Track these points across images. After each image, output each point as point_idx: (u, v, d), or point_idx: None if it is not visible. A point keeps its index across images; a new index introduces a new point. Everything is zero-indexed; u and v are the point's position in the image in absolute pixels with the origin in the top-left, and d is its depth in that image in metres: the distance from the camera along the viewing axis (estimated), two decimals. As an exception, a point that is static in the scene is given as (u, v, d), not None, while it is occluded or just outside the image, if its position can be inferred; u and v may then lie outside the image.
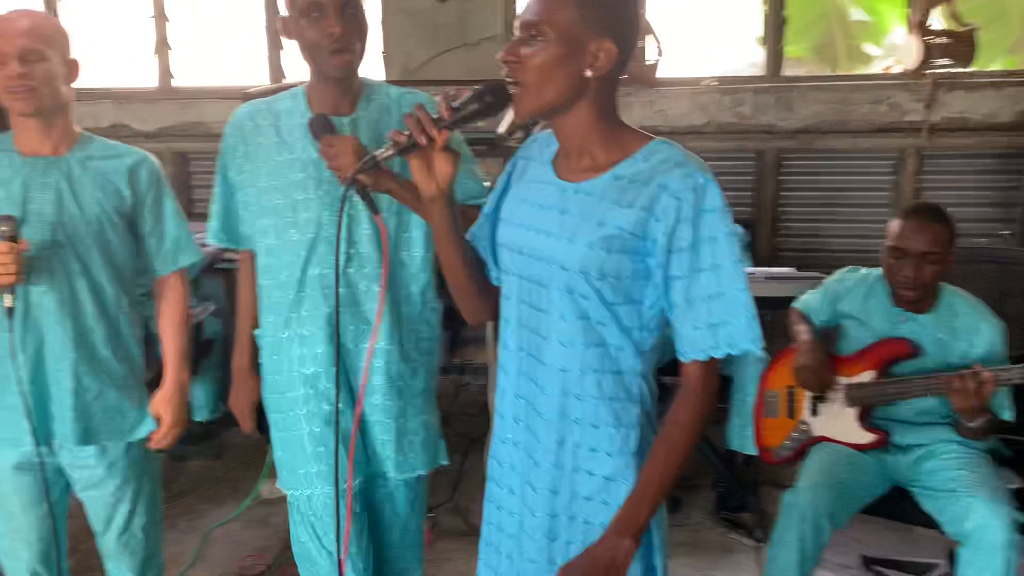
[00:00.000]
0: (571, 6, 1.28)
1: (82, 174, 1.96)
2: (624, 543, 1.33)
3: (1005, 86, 3.91)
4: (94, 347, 2.00)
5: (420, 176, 1.38)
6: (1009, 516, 2.10)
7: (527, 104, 1.32)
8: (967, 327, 2.34)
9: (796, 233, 4.27)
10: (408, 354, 1.93)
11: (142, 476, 2.11)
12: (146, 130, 4.66)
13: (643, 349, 1.38)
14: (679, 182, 1.28)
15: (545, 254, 1.38)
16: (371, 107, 1.86)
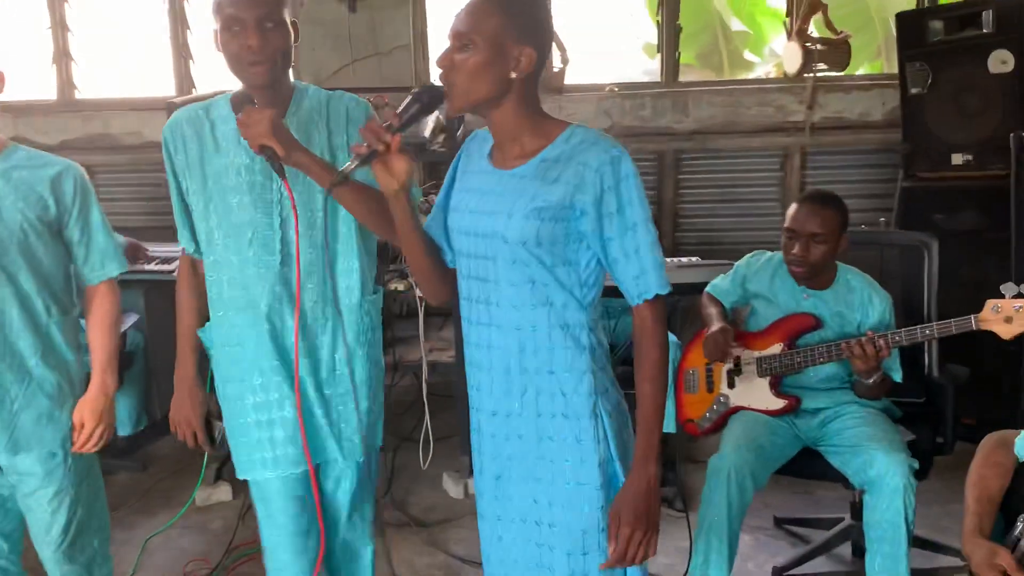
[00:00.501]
0: (496, 17, 1.49)
1: (4, 184, 1.97)
2: (650, 468, 1.54)
3: (874, 88, 4.32)
4: (21, 356, 2.01)
5: (382, 177, 1.56)
6: (906, 463, 2.38)
7: (459, 101, 1.53)
8: (861, 300, 2.62)
9: (695, 228, 4.56)
10: (348, 344, 1.99)
11: (80, 484, 2.11)
12: (48, 143, 4.55)
13: (585, 304, 1.59)
14: (597, 157, 1.50)
15: (489, 231, 1.57)
16: (300, 112, 1.92)
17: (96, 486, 2.20)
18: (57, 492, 2.07)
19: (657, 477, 1.56)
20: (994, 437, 1.92)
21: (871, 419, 2.57)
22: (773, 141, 4.40)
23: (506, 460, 1.66)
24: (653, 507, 1.56)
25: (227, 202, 1.92)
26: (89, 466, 2.16)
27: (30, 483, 2.06)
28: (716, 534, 2.46)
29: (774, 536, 3.15)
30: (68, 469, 2.08)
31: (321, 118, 1.93)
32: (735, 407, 2.74)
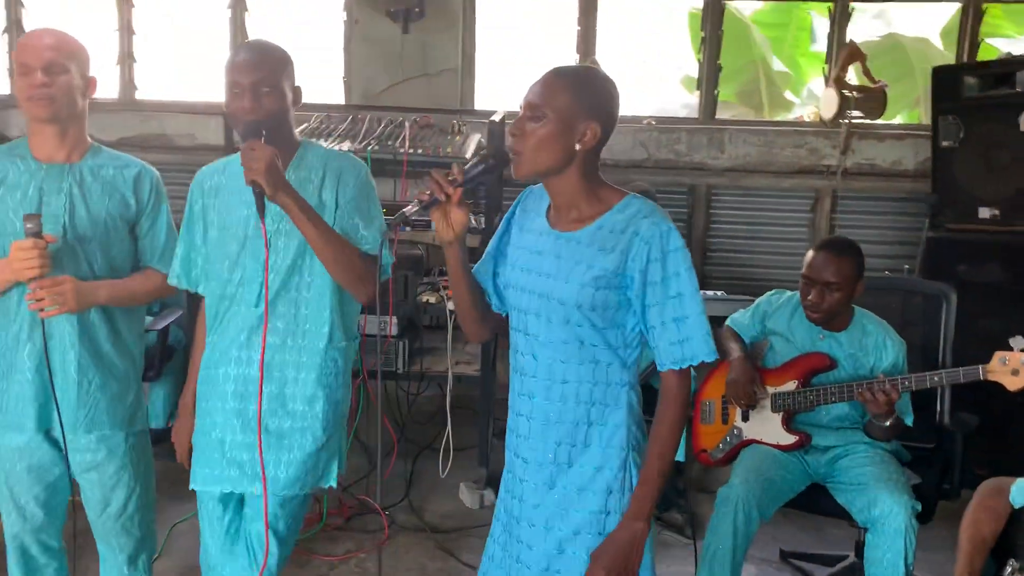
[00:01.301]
0: (567, 93, 1.61)
1: (92, 181, 2.14)
2: (639, 525, 1.64)
3: (908, 137, 4.39)
4: (97, 342, 2.17)
5: (439, 225, 1.69)
6: (909, 505, 2.45)
7: (525, 168, 1.63)
8: (876, 344, 2.71)
9: (723, 262, 4.65)
10: (307, 384, 2.10)
11: (138, 463, 2.27)
12: (107, 140, 4.74)
13: (628, 363, 1.70)
14: (648, 230, 1.61)
15: (545, 291, 1.69)
16: (302, 168, 2.08)
17: (149, 466, 2.36)
18: (118, 468, 2.23)
19: (644, 534, 1.65)
20: (991, 483, 1.99)
21: (878, 460, 2.64)
22: (805, 183, 4.49)
23: (532, 508, 1.74)
24: (632, 561, 1.64)
25: (224, 247, 2.08)
26: (144, 447, 2.32)
27: (93, 459, 2.20)
28: (720, 563, 2.54)
29: (779, 569, 3.21)
30: (129, 447, 2.24)
31: (318, 174, 2.08)
32: (747, 440, 2.82)
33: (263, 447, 2.06)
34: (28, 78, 2.02)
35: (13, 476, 2.18)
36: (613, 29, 4.99)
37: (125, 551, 2.31)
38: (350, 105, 4.54)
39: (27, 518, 2.21)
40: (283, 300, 2.07)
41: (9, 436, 2.16)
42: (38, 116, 2.06)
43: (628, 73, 5.88)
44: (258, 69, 1.96)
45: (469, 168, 1.67)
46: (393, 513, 3.48)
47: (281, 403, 2.10)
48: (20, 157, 2.12)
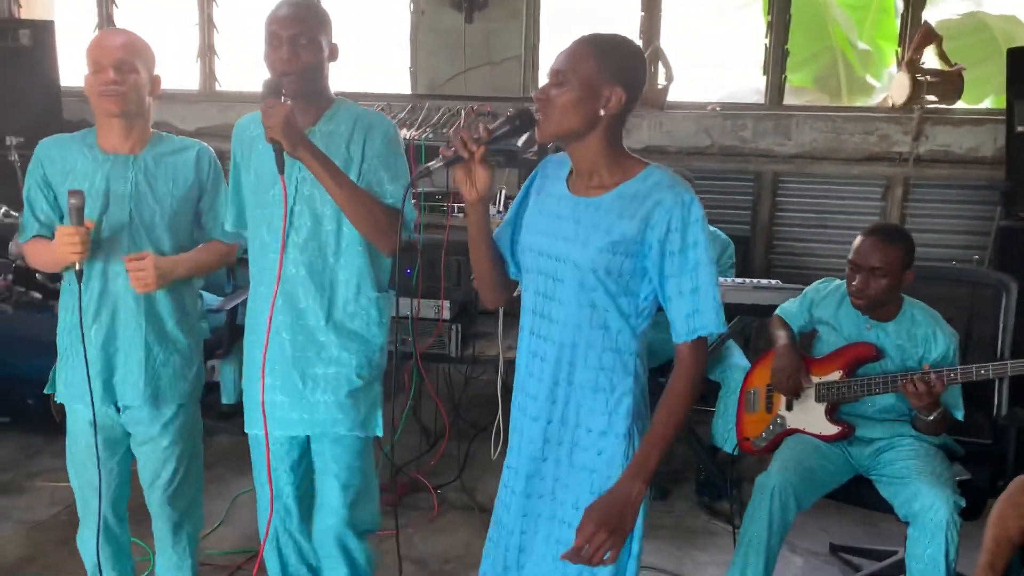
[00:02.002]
0: (591, 59, 1.63)
1: (156, 168, 2.26)
2: (637, 484, 1.65)
3: (986, 123, 4.21)
4: (162, 320, 2.29)
5: (463, 185, 1.72)
6: (951, 499, 2.38)
7: (549, 131, 1.66)
8: (924, 335, 2.63)
9: (788, 251, 4.56)
10: (338, 333, 2.18)
11: (189, 439, 2.39)
12: (187, 129, 4.99)
13: (638, 332, 1.71)
14: (671, 200, 1.62)
15: (562, 255, 1.70)
16: (332, 122, 2.14)
17: (198, 443, 2.47)
18: (171, 443, 2.35)
19: (640, 495, 1.65)
20: (1021, 479, 1.93)
21: (924, 453, 2.57)
22: (875, 170, 4.36)
23: (541, 462, 1.78)
24: (625, 518, 1.64)
25: (259, 195, 2.18)
26: (194, 424, 2.43)
27: (149, 432, 2.33)
28: (755, 550, 2.52)
29: (827, 562, 3.16)
30: (181, 424, 2.36)
31: (348, 128, 2.15)
32: (791, 429, 2.79)
33: (305, 393, 2.18)
34: (100, 75, 2.15)
35: (87, 450, 2.31)
36: (680, 14, 4.94)
37: (170, 521, 2.44)
38: (415, 94, 4.64)
39: (103, 489, 2.34)
40: (311, 250, 2.15)
41: (80, 410, 2.30)
42: (109, 111, 2.18)
43: (695, 58, 5.80)
44: (298, 22, 2.04)
45: (495, 127, 1.69)
46: (445, 492, 3.57)
47: (316, 351, 2.19)
48: (88, 147, 2.26)
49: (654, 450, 1.66)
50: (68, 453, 2.37)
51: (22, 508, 3.37)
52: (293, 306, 2.19)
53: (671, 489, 3.63)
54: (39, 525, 3.24)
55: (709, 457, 3.54)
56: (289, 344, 2.19)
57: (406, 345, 3.52)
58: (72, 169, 2.24)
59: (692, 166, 4.32)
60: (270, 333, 2.16)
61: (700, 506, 3.51)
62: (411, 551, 3.14)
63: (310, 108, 2.14)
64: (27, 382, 3.66)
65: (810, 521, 3.31)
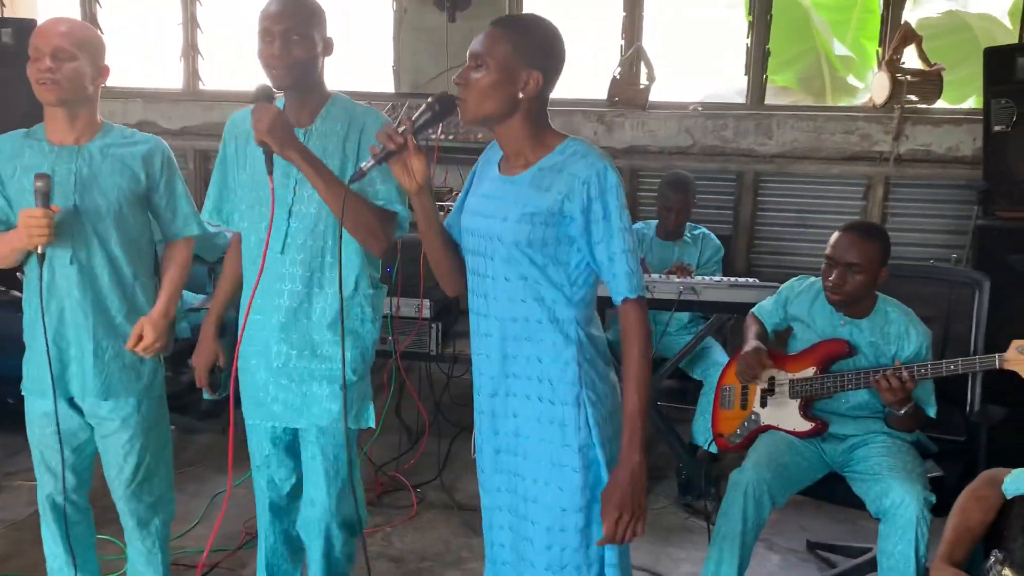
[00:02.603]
0: (508, 43, 1.68)
1: (102, 161, 2.24)
2: (634, 458, 1.70)
3: (965, 122, 4.23)
4: (109, 313, 2.27)
5: (402, 177, 1.76)
6: (921, 495, 2.40)
7: (470, 115, 1.71)
8: (898, 333, 2.64)
9: (770, 250, 4.58)
10: (332, 330, 2.20)
11: (150, 432, 2.37)
12: (171, 128, 4.99)
13: (574, 300, 1.76)
14: (585, 169, 1.68)
15: (489, 232, 1.77)
16: (328, 120, 2.15)
17: (164, 437, 2.46)
18: (131, 437, 2.34)
19: (642, 466, 1.70)
20: (987, 474, 1.94)
21: (896, 450, 2.59)
22: (855, 170, 4.38)
23: (503, 436, 1.83)
24: (637, 493, 1.70)
25: (256, 192, 2.19)
26: (158, 418, 2.42)
27: (108, 427, 2.33)
28: (729, 546, 2.53)
29: (804, 559, 3.18)
30: (141, 418, 2.34)
31: (343, 125, 2.16)
32: (765, 425, 2.80)
33: (297, 390, 2.22)
34: (38, 63, 2.14)
35: (44, 441, 2.32)
36: (663, 15, 4.95)
37: (136, 515, 2.43)
38: (398, 93, 4.65)
39: (58, 479, 2.34)
40: (309, 248, 2.17)
41: (37, 402, 2.31)
42: (45, 99, 2.17)
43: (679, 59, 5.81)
44: (289, 17, 2.04)
45: (416, 117, 1.74)
46: (425, 491, 3.57)
47: (311, 348, 2.21)
48: (36, 140, 2.24)
49: (637, 423, 1.71)
50: (31, 445, 2.37)
51: (0, 507, 3.36)
52: (291, 303, 2.19)
53: (650, 487, 3.64)
54: (17, 524, 3.23)
55: (689, 455, 3.56)
56: (285, 340, 2.21)
57: (386, 344, 3.53)
58: (20, 162, 2.22)
59: (674, 165, 4.34)
60: (244, 327, 2.20)
61: (678, 504, 3.53)
62: (389, 549, 3.15)
63: (305, 104, 2.14)
64: (6, 381, 3.61)
65: (788, 518, 3.33)
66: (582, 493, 1.75)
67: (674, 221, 3.79)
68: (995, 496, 1.86)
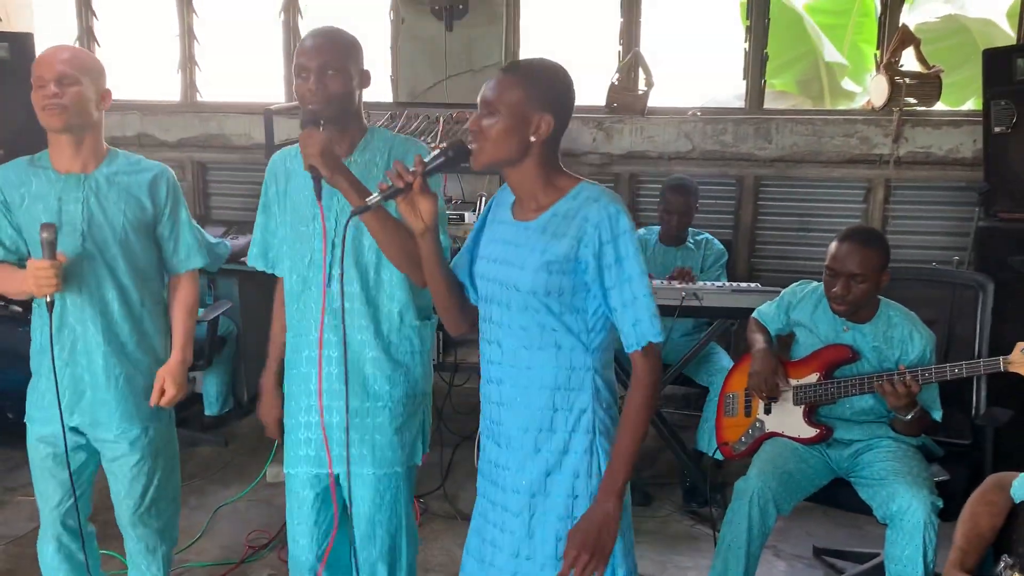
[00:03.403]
0: (519, 88, 1.65)
1: (109, 188, 2.24)
2: (611, 503, 1.67)
3: (964, 124, 4.22)
4: (122, 342, 2.27)
5: (408, 216, 1.73)
6: (928, 500, 2.38)
7: (483, 161, 1.69)
8: (901, 337, 2.63)
9: (771, 254, 4.56)
10: (383, 364, 2.15)
11: (159, 456, 2.37)
12: (169, 140, 4.98)
13: (591, 348, 1.72)
14: (596, 214, 1.65)
15: (505, 279, 1.74)
16: (367, 151, 2.12)
17: (172, 462, 2.44)
18: (138, 461, 2.33)
19: (616, 512, 1.67)
20: (994, 477, 1.93)
21: (902, 455, 2.57)
22: (856, 173, 4.37)
23: (504, 492, 1.79)
24: (604, 539, 1.66)
25: (297, 229, 2.15)
26: (167, 441, 2.41)
27: (116, 450, 2.32)
28: (734, 555, 2.52)
29: (810, 565, 3.16)
30: (149, 441, 2.34)
31: (383, 156, 2.13)
32: (769, 433, 2.78)
33: (348, 428, 2.10)
34: (42, 90, 2.14)
35: (42, 465, 2.31)
36: (661, 21, 4.95)
37: (143, 540, 2.42)
38: (396, 103, 4.64)
39: (57, 504, 2.32)
40: (355, 280, 2.11)
41: (36, 427, 2.30)
42: (51, 126, 2.16)
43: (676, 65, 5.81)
44: (324, 53, 2.01)
45: (429, 160, 1.72)
46: (428, 501, 3.55)
47: (361, 384, 2.14)
48: (42, 168, 2.24)
49: (622, 466, 1.67)
50: (31, 467, 2.35)
51: (0, 523, 3.35)
52: (340, 340, 2.10)
53: (654, 495, 3.62)
54: (18, 540, 3.21)
55: (694, 463, 3.54)
56: (336, 378, 2.13)
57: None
58: (28, 191, 2.22)
59: (674, 171, 4.32)
60: (322, 368, 2.12)
61: (684, 512, 3.51)
62: (393, 560, 3.12)
63: (344, 138, 2.10)
64: (6, 395, 3.64)
65: (794, 525, 3.31)
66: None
67: (676, 226, 3.78)
68: (1004, 500, 1.85)
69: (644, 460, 3.87)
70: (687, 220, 3.79)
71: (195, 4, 5.07)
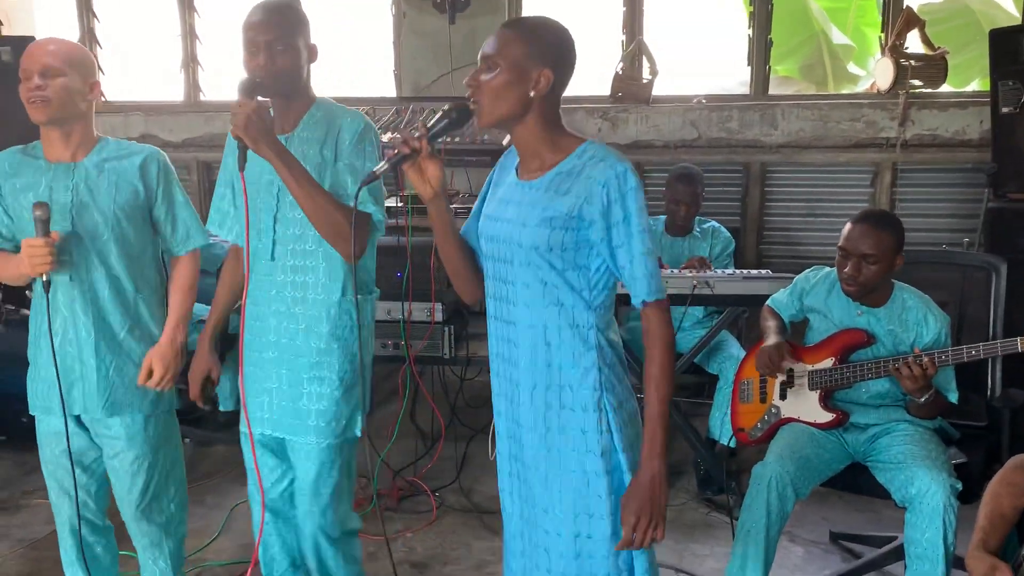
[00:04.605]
0: (518, 42, 1.67)
1: (98, 176, 2.22)
2: (655, 463, 1.69)
3: (970, 105, 4.21)
4: (112, 329, 2.26)
5: (416, 183, 1.75)
6: (948, 483, 2.38)
7: (485, 118, 1.69)
8: (916, 320, 2.62)
9: (779, 240, 4.56)
10: (320, 337, 2.19)
11: (159, 450, 2.34)
12: (173, 140, 4.98)
13: (593, 305, 1.73)
14: (604, 172, 1.66)
15: (507, 237, 1.75)
16: (308, 126, 2.15)
17: (174, 456, 2.42)
18: (137, 456, 2.31)
19: (662, 472, 1.69)
20: (1017, 459, 1.93)
21: (919, 438, 2.57)
22: (863, 157, 4.36)
23: (519, 444, 1.81)
24: (657, 498, 1.69)
25: (253, 201, 2.17)
26: (168, 436, 2.39)
27: (115, 446, 2.30)
28: (754, 541, 2.52)
29: (827, 550, 3.16)
30: (148, 436, 2.32)
31: (323, 130, 2.15)
32: (785, 418, 2.78)
33: (288, 397, 2.21)
34: (27, 83, 2.13)
35: (55, 461, 2.31)
36: (663, 8, 4.93)
37: (147, 536, 2.40)
38: (399, 97, 4.63)
39: (72, 500, 2.32)
40: (296, 253, 2.17)
41: (45, 420, 2.30)
42: (35, 118, 2.15)
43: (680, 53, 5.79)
44: (272, 28, 2.04)
45: (433, 123, 1.74)
46: (443, 495, 3.56)
47: (306, 356, 2.19)
48: (33, 157, 2.24)
49: (658, 427, 1.70)
50: (43, 464, 2.35)
51: (19, 526, 3.36)
52: (281, 310, 2.19)
53: (669, 483, 3.61)
54: (36, 543, 3.22)
55: (707, 450, 3.54)
56: (275, 347, 2.21)
57: (399, 349, 3.52)
58: (20, 180, 2.22)
59: (680, 159, 4.32)
60: (243, 333, 2.20)
61: (699, 499, 3.51)
62: (411, 555, 3.14)
63: (290, 111, 2.14)
64: (20, 400, 3.62)
65: (810, 510, 3.31)
66: (607, 499, 1.72)
67: (683, 215, 3.77)
68: (1026, 481, 1.85)
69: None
70: (694, 209, 3.78)
71: (196, 3, 5.07)
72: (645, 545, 1.71)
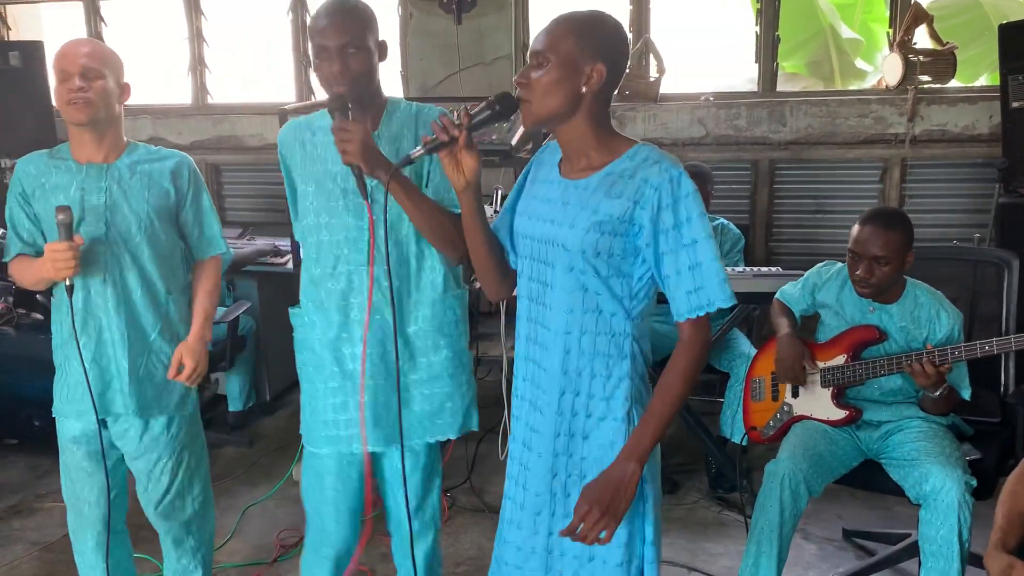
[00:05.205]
0: (570, 37, 1.59)
1: (131, 177, 2.23)
2: (631, 465, 1.62)
3: (980, 100, 4.20)
4: (144, 330, 2.27)
5: (450, 171, 1.69)
6: (962, 479, 2.37)
7: (533, 115, 1.62)
8: (928, 316, 2.61)
9: (788, 237, 4.55)
10: (427, 334, 2.14)
11: (182, 451, 2.36)
12: (181, 143, 5.00)
13: (633, 315, 1.67)
14: (657, 176, 1.59)
15: (551, 238, 1.68)
16: (392, 124, 2.07)
17: (199, 456, 2.44)
18: (159, 456, 2.32)
19: (635, 476, 1.62)
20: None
21: (932, 434, 2.56)
22: (871, 153, 4.35)
23: (537, 455, 1.76)
24: (618, 499, 1.61)
25: (328, 205, 2.11)
26: (192, 436, 2.40)
27: (140, 446, 2.32)
28: (767, 539, 2.51)
29: (841, 547, 3.15)
30: (171, 437, 2.33)
31: (410, 130, 2.08)
32: (798, 416, 2.77)
33: (382, 403, 2.11)
34: (66, 84, 2.13)
35: (75, 464, 2.31)
36: (670, 7, 4.93)
37: (170, 533, 2.43)
38: (408, 98, 4.62)
39: (95, 501, 2.33)
40: (394, 254, 2.07)
41: (69, 425, 2.30)
42: (77, 120, 2.16)
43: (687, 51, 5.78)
44: (343, 32, 1.94)
45: (475, 112, 1.67)
46: (455, 495, 3.56)
47: (409, 355, 2.13)
48: (62, 159, 2.24)
49: (649, 430, 1.63)
50: (62, 468, 2.36)
51: (33, 529, 3.37)
52: (383, 317, 2.10)
53: (681, 482, 3.62)
54: (50, 546, 3.23)
55: (719, 448, 3.53)
56: (380, 357, 2.12)
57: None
58: (48, 183, 2.22)
59: (688, 157, 4.31)
60: (366, 349, 2.10)
61: (711, 498, 3.50)
62: (423, 555, 3.14)
63: (367, 113, 2.05)
64: (33, 403, 3.66)
65: (823, 507, 3.30)
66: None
67: (692, 214, 3.75)
68: (1044, 478, 1.84)
69: (669, 448, 3.86)
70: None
71: (203, 7, 5.08)
72: (588, 540, 1.63)
